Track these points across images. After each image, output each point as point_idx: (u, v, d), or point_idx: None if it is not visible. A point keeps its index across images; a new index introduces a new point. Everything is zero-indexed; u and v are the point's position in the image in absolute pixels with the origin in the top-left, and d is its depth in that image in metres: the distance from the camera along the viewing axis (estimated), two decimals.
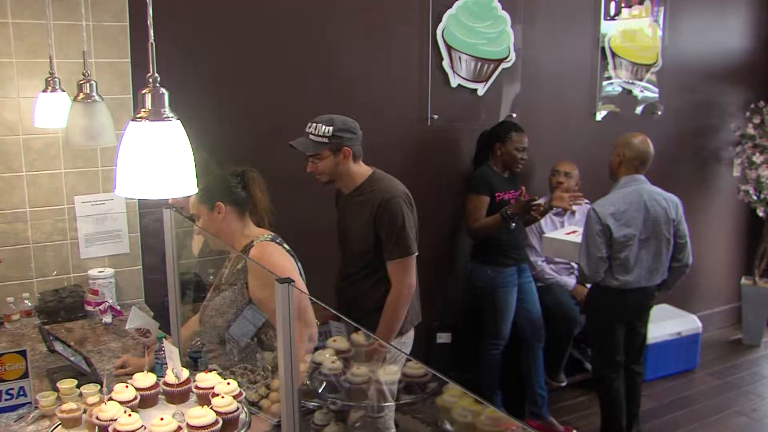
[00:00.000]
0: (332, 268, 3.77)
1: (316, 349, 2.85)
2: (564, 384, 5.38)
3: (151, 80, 1.74)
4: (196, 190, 1.79)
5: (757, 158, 6.33)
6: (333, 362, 2.51)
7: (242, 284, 3.08)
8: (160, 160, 1.71)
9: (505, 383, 5.09)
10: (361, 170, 3.53)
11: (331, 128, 3.38)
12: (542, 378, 5.04)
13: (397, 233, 3.39)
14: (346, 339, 2.69)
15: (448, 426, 2.26)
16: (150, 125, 1.70)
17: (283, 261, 3.10)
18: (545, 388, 5.07)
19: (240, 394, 2.48)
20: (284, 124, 4.25)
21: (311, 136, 3.41)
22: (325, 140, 3.38)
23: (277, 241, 3.17)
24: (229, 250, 3.24)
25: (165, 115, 1.72)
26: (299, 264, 3.23)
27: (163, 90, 1.74)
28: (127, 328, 3.21)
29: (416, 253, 3.47)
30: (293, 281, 2.25)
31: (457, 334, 5.12)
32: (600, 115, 5.75)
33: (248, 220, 3.20)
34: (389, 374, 2.42)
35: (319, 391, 2.52)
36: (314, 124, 3.41)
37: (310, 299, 2.68)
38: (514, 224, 4.60)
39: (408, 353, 3.63)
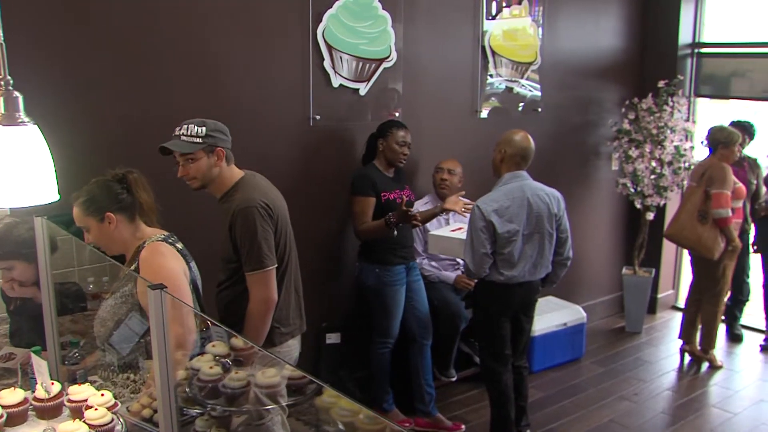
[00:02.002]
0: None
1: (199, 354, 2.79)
2: (454, 379, 5.45)
3: (2, 83, 1.66)
4: (57, 197, 1.71)
5: (633, 152, 6.55)
6: (211, 368, 2.45)
7: (130, 289, 2.99)
8: (14, 166, 1.64)
9: (396, 381, 5.11)
10: (232, 174, 3.40)
11: (204, 128, 3.26)
12: (430, 375, 5.09)
13: (249, 245, 3.27)
14: (226, 344, 2.64)
15: (327, 427, 2.26)
16: (3, 130, 1.63)
17: (172, 263, 3.02)
18: (433, 385, 5.12)
19: (115, 405, 2.41)
20: (164, 125, 4.16)
21: (183, 138, 3.25)
22: (199, 140, 3.25)
23: (170, 240, 3.10)
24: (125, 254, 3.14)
25: (20, 120, 1.65)
26: (193, 263, 3.16)
27: (17, 93, 1.66)
28: None
29: (273, 266, 3.33)
30: (165, 287, 2.20)
31: (347, 334, 5.11)
32: (484, 113, 5.84)
33: (139, 223, 3.11)
34: (268, 378, 2.38)
35: (199, 397, 2.47)
36: (186, 126, 3.27)
37: (184, 304, 2.64)
38: (396, 232, 4.62)
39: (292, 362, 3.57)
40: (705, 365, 6.20)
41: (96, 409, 2.31)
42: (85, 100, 3.96)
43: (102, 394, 2.41)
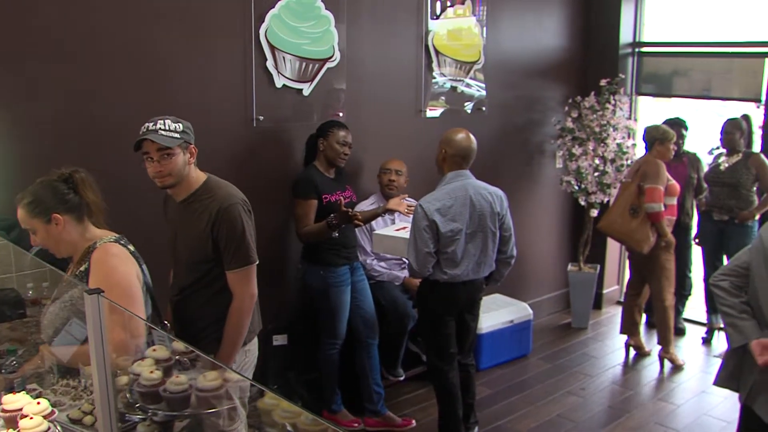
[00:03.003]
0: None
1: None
2: (402, 378, 5.46)
3: None
4: None
5: (577, 150, 6.63)
6: (151, 372, 2.42)
7: (72, 294, 2.92)
8: None
9: (344, 381, 5.11)
10: (198, 175, 3.35)
11: (180, 125, 3.20)
12: (378, 374, 5.09)
13: (237, 242, 3.26)
14: (167, 347, 2.62)
15: (270, 429, 2.25)
16: None
17: (125, 265, 2.99)
18: (381, 384, 5.13)
19: (52, 413, 2.36)
20: (105, 126, 4.13)
21: (161, 132, 3.14)
22: (177, 136, 3.18)
23: (122, 242, 3.06)
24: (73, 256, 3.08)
25: None
26: (144, 266, 3.12)
27: None
28: None
29: (257, 262, 3.36)
30: (102, 291, 2.17)
31: (293, 335, 5.09)
32: (430, 113, 5.86)
33: (87, 224, 3.05)
34: (210, 381, 2.36)
35: (140, 402, 2.44)
36: (162, 120, 3.17)
37: (126, 310, 2.60)
38: (337, 234, 4.63)
39: (254, 362, 3.59)
40: (668, 365, 6.28)
41: (31, 418, 2.25)
42: (25, 103, 3.89)
43: (38, 402, 2.36)
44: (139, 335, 2.86)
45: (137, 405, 2.44)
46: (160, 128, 3.15)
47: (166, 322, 3.52)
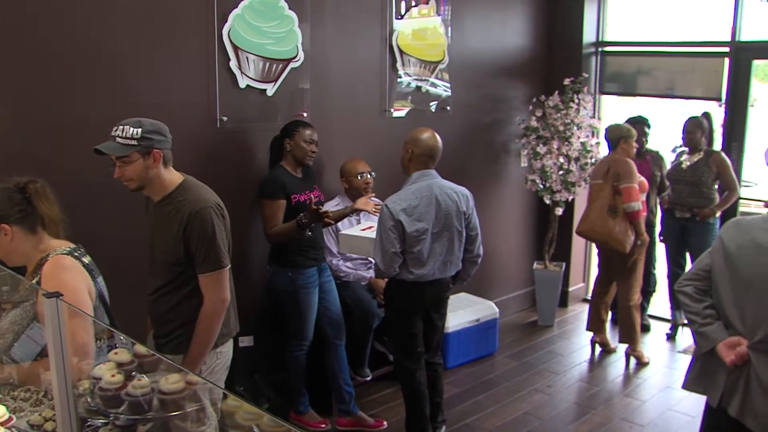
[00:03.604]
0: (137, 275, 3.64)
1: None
2: (369, 378, 5.45)
3: None
4: None
5: (541, 149, 6.67)
6: (113, 376, 2.40)
7: (33, 302, 2.90)
8: None
9: (312, 382, 5.09)
10: (172, 177, 3.36)
11: (139, 130, 3.18)
12: (347, 374, 5.08)
13: (207, 246, 3.26)
14: (129, 351, 2.59)
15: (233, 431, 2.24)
16: None
17: (75, 279, 2.94)
18: (351, 384, 5.12)
19: (10, 419, 2.33)
20: (66, 128, 4.08)
21: (119, 140, 3.18)
22: (134, 143, 3.18)
23: (76, 254, 3.01)
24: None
25: None
26: (100, 278, 3.09)
27: None
28: None
29: (229, 266, 3.38)
30: (61, 295, 2.15)
31: (259, 337, 5.07)
32: (395, 112, 5.86)
33: (42, 235, 3.00)
34: (172, 384, 2.34)
35: (101, 406, 2.41)
36: (121, 127, 3.19)
37: (84, 313, 2.57)
38: (309, 233, 4.60)
39: (226, 363, 3.61)
40: (633, 361, 6.33)
41: None
42: None
43: None
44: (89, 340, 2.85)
45: (100, 408, 2.41)
46: (117, 135, 3.19)
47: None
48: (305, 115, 5.15)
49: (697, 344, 3.37)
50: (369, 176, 5.25)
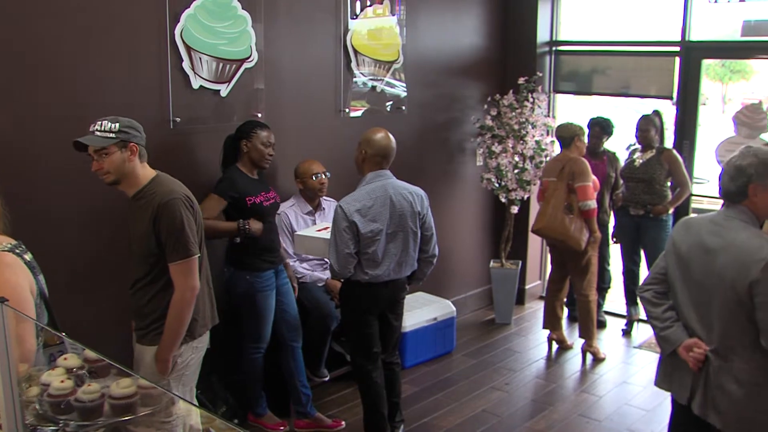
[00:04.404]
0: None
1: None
2: (326, 378, 5.44)
3: None
4: None
5: (496, 148, 6.70)
6: (62, 381, 2.37)
7: None
8: None
9: (269, 384, 5.07)
10: (146, 172, 3.54)
11: (117, 124, 3.38)
12: (304, 375, 5.07)
13: (177, 235, 3.42)
14: (79, 356, 2.55)
15: None
16: None
17: (16, 275, 2.89)
18: (308, 385, 5.10)
19: None
20: (14, 131, 4.01)
21: (97, 133, 3.37)
22: (112, 135, 3.37)
23: (17, 251, 2.95)
24: None
25: None
26: (41, 276, 3.05)
27: None
28: None
29: (197, 255, 3.51)
30: (7, 300, 2.11)
31: (216, 338, 5.01)
32: (352, 113, 5.85)
33: None
34: (123, 388, 2.31)
35: (50, 413, 2.37)
36: (100, 122, 3.39)
37: (28, 318, 2.54)
38: (238, 239, 4.65)
39: (201, 357, 3.75)
40: (589, 357, 6.40)
41: None
42: None
43: None
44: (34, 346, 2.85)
45: (49, 415, 2.38)
46: (96, 129, 3.38)
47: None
48: (260, 115, 5.11)
49: (661, 347, 3.42)
50: (324, 177, 5.24)
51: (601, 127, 6.71)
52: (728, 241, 3.09)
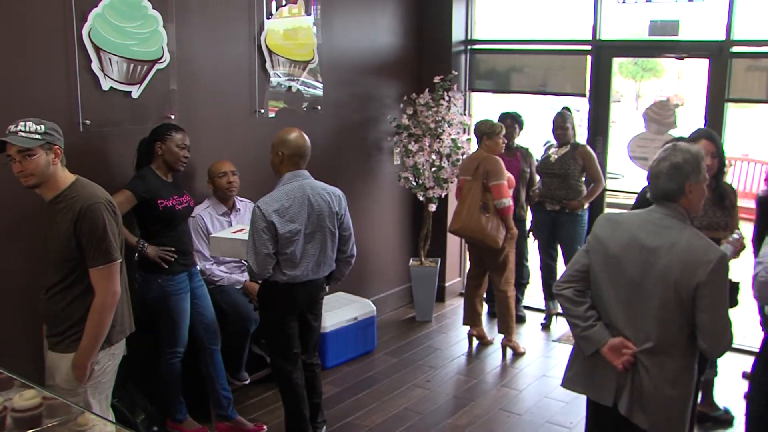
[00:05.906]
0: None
1: None
2: (247, 381, 5.38)
3: None
4: None
5: (413, 146, 6.74)
6: None
7: None
8: None
9: (189, 389, 4.99)
10: (66, 176, 3.49)
11: (42, 126, 3.35)
12: (224, 379, 5.00)
13: (98, 240, 3.39)
14: None
15: None
16: None
17: None
18: (228, 388, 5.04)
19: None
20: None
21: (21, 134, 3.30)
22: (38, 137, 3.33)
23: None
24: None
25: None
26: None
27: None
28: None
29: (120, 260, 3.48)
30: None
31: (131, 345, 4.91)
32: (267, 113, 5.80)
33: None
34: (27, 400, 2.24)
35: None
36: (23, 123, 3.33)
37: None
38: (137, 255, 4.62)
39: (117, 364, 3.71)
40: (510, 352, 6.48)
41: None
42: None
43: None
44: None
45: None
46: (20, 130, 3.31)
47: None
48: (173, 117, 5.03)
49: (581, 348, 3.37)
50: (231, 175, 5.20)
51: (513, 119, 6.82)
52: (671, 241, 3.09)
